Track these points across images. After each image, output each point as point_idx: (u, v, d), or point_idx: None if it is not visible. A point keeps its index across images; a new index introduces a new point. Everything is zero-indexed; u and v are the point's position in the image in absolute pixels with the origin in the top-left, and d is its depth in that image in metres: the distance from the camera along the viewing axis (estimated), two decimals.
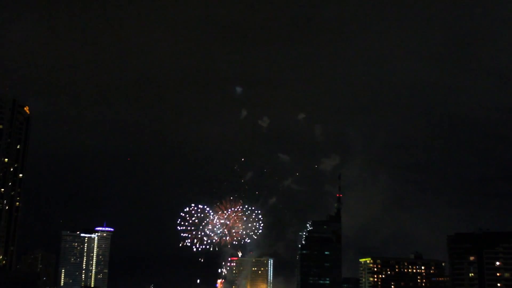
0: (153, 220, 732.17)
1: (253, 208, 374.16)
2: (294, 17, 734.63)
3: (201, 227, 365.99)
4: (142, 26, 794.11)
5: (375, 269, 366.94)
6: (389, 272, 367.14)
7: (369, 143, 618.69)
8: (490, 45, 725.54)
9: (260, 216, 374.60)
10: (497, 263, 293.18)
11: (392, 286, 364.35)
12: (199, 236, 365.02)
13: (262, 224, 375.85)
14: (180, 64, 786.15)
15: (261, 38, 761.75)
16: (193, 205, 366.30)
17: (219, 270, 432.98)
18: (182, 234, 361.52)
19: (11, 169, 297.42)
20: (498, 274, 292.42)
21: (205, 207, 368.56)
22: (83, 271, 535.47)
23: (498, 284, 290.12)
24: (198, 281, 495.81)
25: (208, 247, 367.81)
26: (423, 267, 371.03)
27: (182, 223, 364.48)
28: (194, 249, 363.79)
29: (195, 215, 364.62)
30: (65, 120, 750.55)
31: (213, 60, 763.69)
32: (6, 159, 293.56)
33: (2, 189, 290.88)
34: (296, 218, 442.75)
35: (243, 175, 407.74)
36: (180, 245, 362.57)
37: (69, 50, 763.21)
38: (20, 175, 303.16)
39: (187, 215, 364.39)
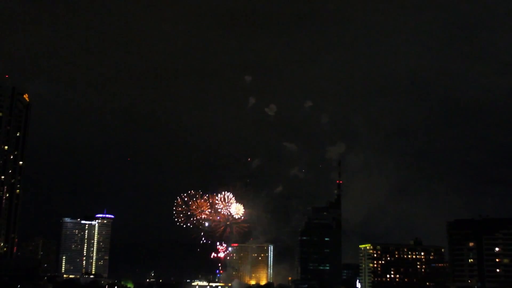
0: (154, 206, 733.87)
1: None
2: (299, 5, 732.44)
3: (204, 212, 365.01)
4: (146, 13, 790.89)
5: (375, 255, 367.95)
6: (388, 258, 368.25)
7: (373, 131, 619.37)
8: (490, 31, 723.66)
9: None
10: (497, 249, 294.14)
11: (392, 272, 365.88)
12: (203, 222, 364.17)
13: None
14: (184, 52, 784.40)
15: (267, 26, 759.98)
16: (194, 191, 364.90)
17: (220, 256, 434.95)
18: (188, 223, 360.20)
19: (11, 157, 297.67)
20: (497, 260, 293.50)
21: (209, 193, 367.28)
22: (84, 258, 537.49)
23: (497, 270, 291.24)
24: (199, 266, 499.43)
25: (209, 233, 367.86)
26: (422, 253, 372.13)
27: (184, 208, 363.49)
28: (197, 234, 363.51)
29: (197, 201, 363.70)
30: (65, 107, 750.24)
31: (219, 48, 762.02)
32: (6, 147, 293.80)
33: (2, 177, 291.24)
34: (302, 205, 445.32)
35: (249, 165, 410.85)
36: (193, 236, 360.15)
37: (70, 36, 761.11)
38: (20, 162, 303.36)
39: (189, 201, 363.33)
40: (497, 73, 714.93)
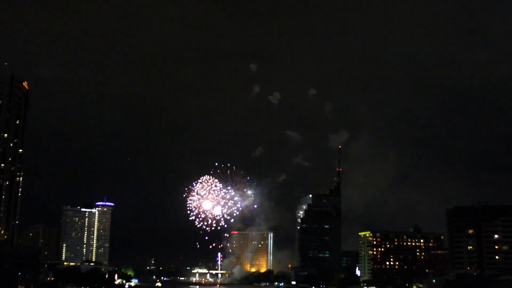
0: (153, 194, 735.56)
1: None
2: None
3: (204, 200, 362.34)
4: None
5: (375, 243, 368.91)
6: (388, 245, 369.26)
7: (376, 118, 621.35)
8: (491, 18, 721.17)
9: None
10: (496, 236, 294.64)
11: (391, 259, 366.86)
12: (202, 209, 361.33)
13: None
14: (187, 39, 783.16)
15: (271, 14, 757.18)
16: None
17: (220, 244, 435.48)
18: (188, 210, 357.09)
19: (11, 145, 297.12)
20: (496, 247, 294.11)
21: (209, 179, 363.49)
22: (84, 246, 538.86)
23: (497, 257, 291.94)
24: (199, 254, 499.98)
25: (210, 221, 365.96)
26: (422, 240, 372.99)
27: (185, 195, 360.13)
28: (197, 222, 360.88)
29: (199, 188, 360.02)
30: (65, 95, 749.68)
31: (222, 35, 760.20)
32: (5, 135, 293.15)
33: (2, 165, 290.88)
34: (304, 193, 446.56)
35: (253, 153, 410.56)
36: (196, 222, 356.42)
37: (69, 22, 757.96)
38: (20, 150, 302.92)
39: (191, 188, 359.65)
40: (498, 60, 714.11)
